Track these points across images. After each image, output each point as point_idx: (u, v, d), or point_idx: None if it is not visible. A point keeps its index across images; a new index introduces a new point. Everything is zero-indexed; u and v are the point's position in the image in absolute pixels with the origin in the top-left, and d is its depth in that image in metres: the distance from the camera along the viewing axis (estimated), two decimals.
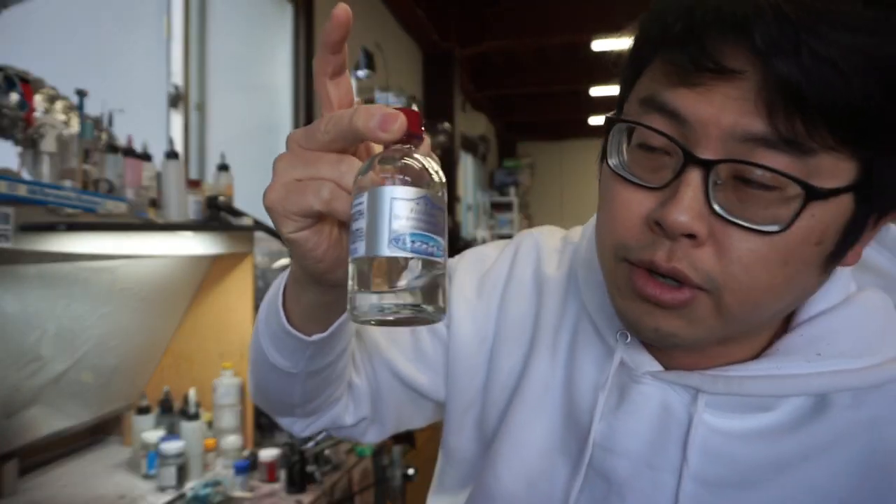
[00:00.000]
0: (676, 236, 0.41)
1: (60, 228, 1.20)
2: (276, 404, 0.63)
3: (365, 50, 3.73)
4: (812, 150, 0.38)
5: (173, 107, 2.55)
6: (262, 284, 2.24)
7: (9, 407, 1.49)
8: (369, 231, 0.36)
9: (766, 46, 0.37)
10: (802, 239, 0.41)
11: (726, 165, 0.40)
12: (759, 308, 0.44)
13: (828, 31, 0.36)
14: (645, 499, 0.50)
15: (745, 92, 0.38)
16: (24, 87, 1.29)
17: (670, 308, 0.44)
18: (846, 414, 0.47)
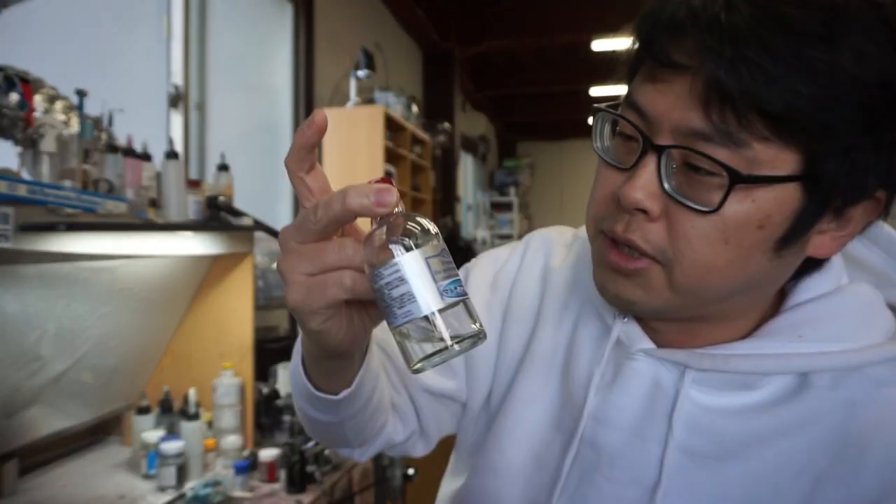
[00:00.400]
0: (631, 210, 0.47)
1: (60, 228, 1.20)
2: (331, 443, 0.67)
3: (365, 50, 3.73)
4: (745, 142, 0.43)
5: (173, 107, 2.55)
6: (262, 284, 2.25)
7: (9, 407, 1.49)
8: (419, 291, 0.39)
9: (697, 50, 0.42)
10: (742, 222, 0.45)
11: (678, 151, 0.45)
12: (708, 284, 0.48)
13: (756, 36, 0.40)
14: (632, 467, 0.54)
15: (689, 89, 0.43)
16: (24, 87, 1.29)
17: (627, 275, 0.49)
18: (824, 395, 0.50)
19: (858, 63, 0.41)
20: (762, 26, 0.41)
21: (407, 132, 4.20)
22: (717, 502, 0.51)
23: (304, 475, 1.59)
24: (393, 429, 0.67)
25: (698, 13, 0.43)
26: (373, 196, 0.40)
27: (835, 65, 0.40)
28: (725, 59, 0.41)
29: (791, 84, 0.40)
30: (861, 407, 0.49)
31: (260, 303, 2.17)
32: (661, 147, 0.46)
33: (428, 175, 4.82)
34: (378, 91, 4.13)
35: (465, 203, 7.75)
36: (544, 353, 0.65)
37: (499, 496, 0.62)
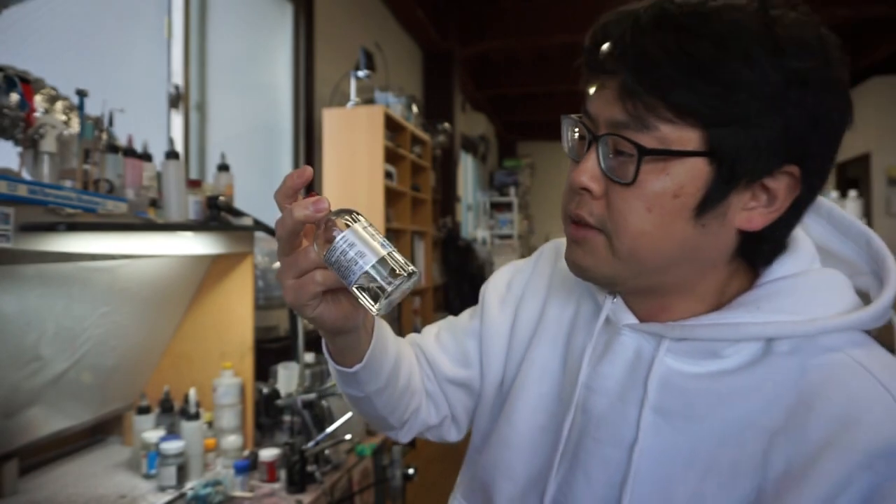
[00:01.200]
0: (578, 191, 0.58)
1: (61, 228, 1.20)
2: (375, 421, 0.79)
3: (365, 50, 3.73)
4: (654, 126, 0.53)
5: (174, 107, 2.55)
6: (262, 284, 2.25)
7: (9, 407, 1.49)
8: (348, 268, 0.53)
9: (618, 51, 0.54)
10: (659, 192, 0.55)
11: (611, 139, 0.56)
12: (641, 248, 0.57)
13: (652, 35, 0.52)
14: (614, 427, 0.62)
15: (613, 92, 0.55)
16: (25, 87, 1.29)
17: (579, 243, 0.60)
18: (782, 360, 0.57)
19: (744, 62, 0.50)
20: (662, 34, 0.52)
21: (407, 132, 4.21)
22: (688, 458, 0.58)
23: (305, 475, 1.59)
24: (427, 413, 0.81)
25: (613, 30, 0.55)
26: (311, 206, 0.55)
27: (722, 64, 0.50)
28: (631, 62, 0.53)
29: (685, 79, 0.51)
30: (811, 370, 0.56)
31: (260, 303, 2.17)
32: (597, 137, 0.57)
33: (428, 175, 4.82)
34: (378, 91, 4.13)
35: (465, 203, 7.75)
36: (549, 336, 0.74)
37: (509, 466, 0.71)
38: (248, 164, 3.05)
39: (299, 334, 1.82)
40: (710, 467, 0.56)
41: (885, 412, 0.51)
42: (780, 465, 0.53)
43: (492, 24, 6.07)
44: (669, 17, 0.52)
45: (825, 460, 0.51)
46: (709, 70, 0.50)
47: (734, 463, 0.56)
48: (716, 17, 0.51)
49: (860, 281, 0.62)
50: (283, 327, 2.34)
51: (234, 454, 1.74)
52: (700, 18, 0.51)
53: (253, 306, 1.84)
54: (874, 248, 0.63)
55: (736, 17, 0.51)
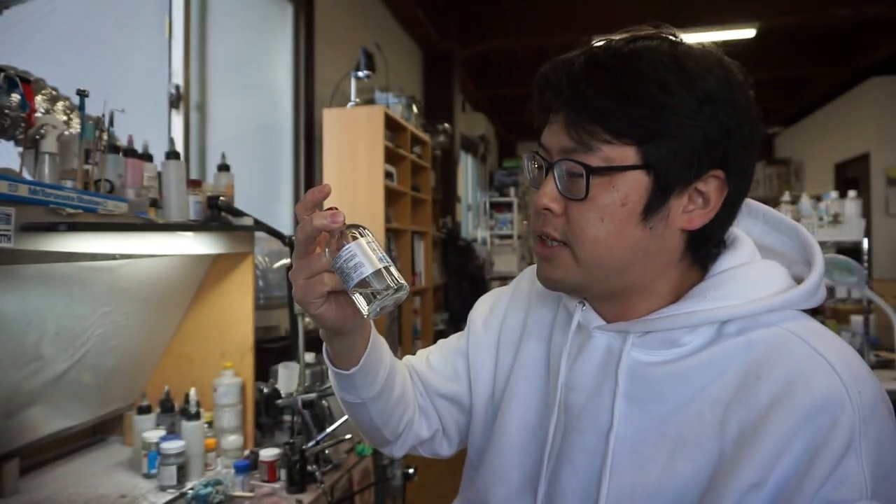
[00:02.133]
0: (542, 212, 0.67)
1: (61, 228, 1.20)
2: (370, 434, 0.84)
3: (365, 50, 3.73)
4: (596, 147, 0.63)
5: (174, 107, 2.55)
6: (263, 284, 2.25)
7: (9, 407, 1.49)
8: (350, 272, 0.62)
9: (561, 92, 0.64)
10: (609, 203, 0.63)
11: (564, 163, 0.65)
12: (600, 254, 0.65)
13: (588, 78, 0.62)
14: (593, 417, 0.69)
15: (562, 125, 0.65)
16: (25, 87, 1.29)
17: (548, 259, 0.69)
18: (732, 340, 0.65)
19: (660, 88, 0.60)
20: (592, 74, 0.62)
21: (407, 132, 4.21)
22: (657, 436, 0.65)
23: (305, 475, 1.60)
24: (419, 426, 0.86)
25: (552, 75, 0.65)
26: (328, 218, 0.63)
27: (644, 92, 0.61)
28: (569, 99, 0.63)
29: (616, 107, 0.61)
30: (755, 344, 0.64)
31: (260, 303, 2.17)
32: (552, 164, 0.66)
33: (428, 175, 4.81)
34: (378, 91, 4.13)
35: (465, 203, 7.75)
36: (532, 349, 0.81)
37: (503, 471, 0.77)
38: (248, 164, 3.05)
39: (299, 334, 1.82)
40: (677, 442, 0.64)
41: (820, 373, 0.60)
42: (735, 429, 0.61)
43: (492, 24, 6.07)
44: (597, 59, 0.63)
45: (772, 419, 0.59)
46: (634, 98, 0.61)
47: (697, 435, 0.63)
48: (635, 56, 0.62)
49: (795, 270, 0.71)
50: (284, 327, 2.34)
51: (235, 454, 1.74)
52: (622, 58, 0.62)
53: (253, 306, 1.84)
54: (802, 239, 0.73)
55: (651, 54, 0.62)
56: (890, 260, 6.60)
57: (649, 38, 0.64)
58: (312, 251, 0.66)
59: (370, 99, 4.05)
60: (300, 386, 1.80)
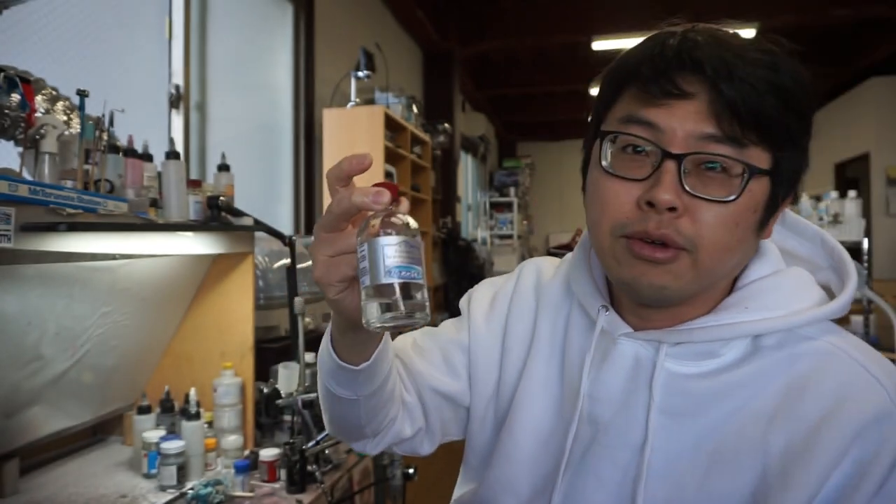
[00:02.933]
0: (663, 210, 0.58)
1: (61, 228, 1.20)
2: (348, 430, 0.77)
3: (365, 50, 3.73)
4: (746, 144, 0.57)
5: (174, 107, 2.55)
6: (263, 284, 2.25)
7: (9, 407, 1.49)
8: (371, 268, 0.52)
9: (714, 75, 0.56)
10: (745, 207, 0.58)
11: (691, 157, 0.57)
12: (723, 262, 0.60)
13: (746, 66, 0.56)
14: (623, 432, 0.65)
15: (698, 107, 0.57)
16: (25, 87, 1.29)
17: (661, 264, 0.59)
18: (772, 353, 0.63)
19: (793, 81, 0.57)
20: (744, 59, 0.56)
21: (407, 132, 4.21)
22: (695, 451, 0.62)
23: (305, 475, 1.60)
24: (401, 424, 0.79)
25: (699, 53, 0.57)
26: (371, 196, 0.54)
27: (781, 84, 0.56)
28: (734, 82, 0.55)
29: (770, 99, 0.56)
30: (799, 358, 0.62)
31: (260, 303, 2.17)
32: (680, 155, 0.57)
33: (428, 175, 4.82)
34: (378, 91, 4.13)
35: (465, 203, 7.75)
36: (544, 352, 0.76)
37: (511, 481, 0.73)
38: (248, 164, 3.05)
39: (299, 334, 1.82)
40: (715, 457, 0.61)
41: (868, 388, 0.58)
42: (781, 444, 0.59)
43: (492, 24, 6.07)
44: (738, 44, 0.58)
45: (823, 435, 0.57)
46: (791, 99, 0.57)
47: (736, 449, 0.60)
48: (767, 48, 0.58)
49: (820, 275, 0.70)
50: (284, 327, 2.34)
51: (235, 454, 1.74)
52: (759, 49, 0.57)
53: (253, 306, 1.84)
54: (829, 246, 0.71)
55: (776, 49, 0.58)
56: (890, 260, 6.60)
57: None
58: (343, 228, 0.57)
59: (370, 99, 4.05)
60: (300, 386, 1.80)
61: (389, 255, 0.52)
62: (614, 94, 0.64)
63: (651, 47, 0.60)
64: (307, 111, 3.62)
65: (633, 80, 0.61)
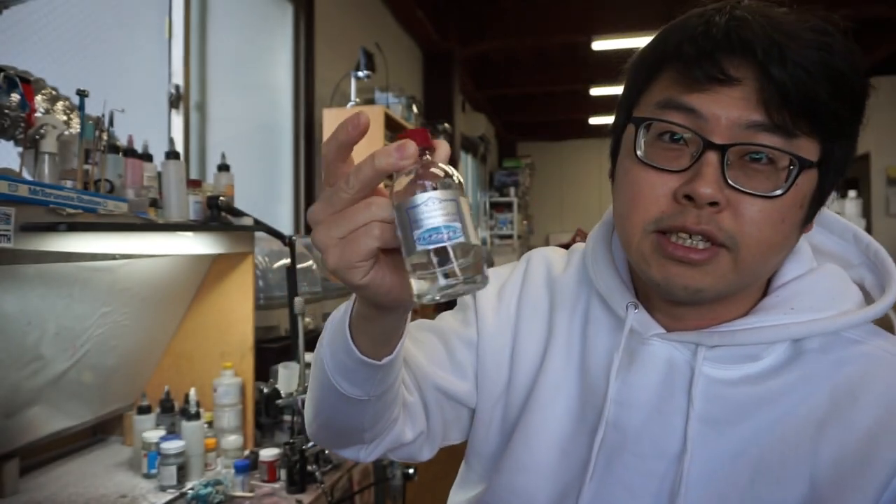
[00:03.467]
0: (703, 205, 0.53)
1: (61, 228, 1.20)
2: (345, 436, 0.67)
3: (365, 50, 3.73)
4: (796, 135, 0.52)
5: (174, 107, 2.55)
6: (263, 284, 2.25)
7: (9, 407, 1.49)
8: (415, 233, 0.43)
9: (765, 59, 0.51)
10: (793, 202, 0.54)
11: (735, 148, 0.53)
12: (766, 261, 0.56)
13: (799, 49, 0.51)
14: (657, 441, 0.61)
15: (745, 93, 0.52)
16: (25, 87, 1.29)
17: (697, 265, 0.55)
18: (816, 357, 0.59)
19: (848, 65, 0.52)
20: (797, 42, 0.51)
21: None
22: (736, 460, 0.58)
23: (305, 475, 1.60)
24: (402, 427, 0.70)
25: (748, 34, 0.52)
26: (395, 153, 0.45)
27: (836, 68, 0.51)
28: (785, 67, 0.50)
29: (829, 92, 0.51)
30: (847, 363, 0.59)
31: (260, 303, 2.17)
32: (723, 146, 0.53)
33: None
34: (378, 91, 4.13)
35: None
36: (561, 353, 0.70)
37: (529, 493, 0.67)
38: (248, 164, 3.05)
39: (299, 334, 1.82)
40: (759, 466, 0.58)
41: None
42: (832, 453, 0.56)
43: (492, 24, 6.07)
44: (790, 25, 0.52)
45: (880, 443, 0.54)
46: (844, 85, 0.52)
47: (782, 458, 0.57)
48: (821, 29, 0.52)
49: (852, 273, 0.66)
50: (283, 327, 2.34)
51: (235, 454, 1.74)
52: (829, 36, 0.52)
53: (253, 306, 1.84)
54: (863, 243, 0.67)
55: (831, 30, 0.53)
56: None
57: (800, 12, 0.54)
58: (358, 200, 0.46)
59: (370, 99, 4.05)
60: (300, 386, 1.80)
61: (435, 213, 0.44)
62: (650, 74, 0.58)
63: (695, 25, 0.54)
64: (307, 111, 3.62)
65: (673, 60, 0.56)
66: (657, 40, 0.58)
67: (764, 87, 0.51)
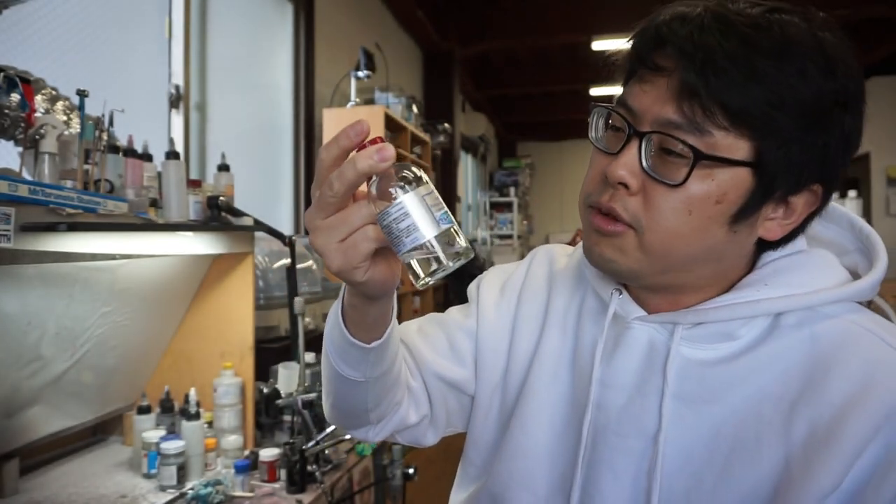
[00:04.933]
0: (615, 184, 0.57)
1: (61, 228, 1.20)
2: (352, 416, 0.73)
3: (365, 50, 3.73)
4: (708, 131, 0.54)
5: (174, 107, 2.55)
6: (263, 284, 2.25)
7: (9, 407, 1.49)
8: (406, 230, 0.49)
9: (675, 57, 0.54)
10: (703, 196, 0.55)
11: (657, 137, 0.56)
12: (673, 249, 0.58)
13: (721, 48, 0.52)
14: (636, 419, 0.63)
15: (666, 90, 0.55)
16: (25, 87, 1.29)
17: (607, 236, 0.59)
18: (791, 333, 0.60)
19: (800, 78, 0.52)
20: (727, 40, 0.52)
21: (407, 132, 4.21)
22: (712, 439, 0.59)
23: (305, 475, 1.60)
24: (406, 410, 0.75)
25: (678, 29, 0.54)
26: (376, 155, 0.49)
27: (781, 76, 0.52)
28: (697, 64, 0.53)
29: (746, 87, 0.52)
30: (820, 338, 0.59)
31: (260, 303, 2.17)
32: (642, 133, 0.56)
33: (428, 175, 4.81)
34: (378, 91, 4.13)
35: (465, 203, 7.75)
36: (555, 340, 0.73)
37: (526, 476, 0.69)
38: (248, 164, 3.05)
39: (299, 334, 1.82)
40: (735, 445, 0.58)
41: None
42: (804, 430, 0.56)
43: (492, 24, 6.07)
44: (733, 24, 0.53)
45: (849, 420, 0.54)
46: (770, 81, 0.52)
47: (757, 436, 0.57)
48: (776, 31, 0.53)
49: (847, 259, 0.66)
50: (283, 327, 2.34)
51: (235, 454, 1.74)
52: (761, 30, 0.52)
53: (253, 306, 1.84)
54: (857, 228, 0.67)
55: (792, 32, 0.53)
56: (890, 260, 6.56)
57: (783, 11, 0.55)
58: (347, 206, 0.52)
59: (370, 99, 4.05)
60: (300, 386, 1.80)
61: (431, 204, 0.50)
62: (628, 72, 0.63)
63: (647, 30, 0.58)
64: (307, 111, 3.62)
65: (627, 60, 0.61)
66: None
67: (680, 85, 0.54)
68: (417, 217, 0.50)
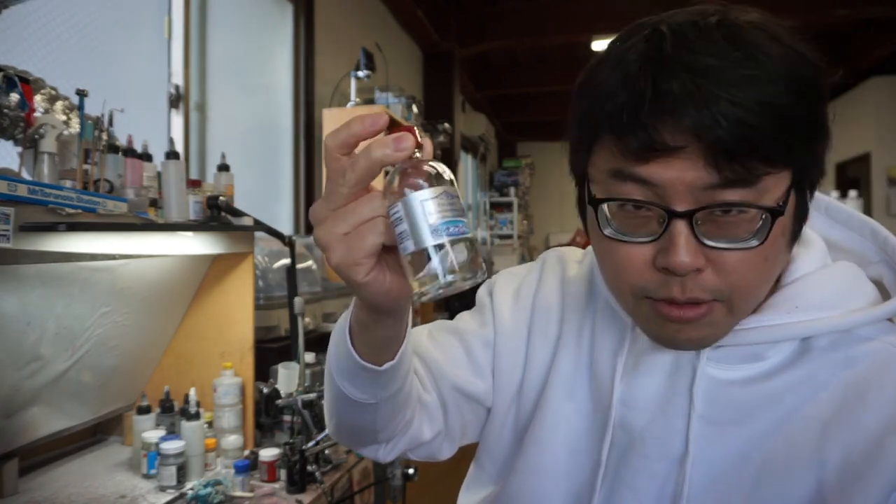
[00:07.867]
0: (685, 274, 0.51)
1: (61, 228, 1.20)
2: (360, 436, 0.69)
3: (365, 50, 3.73)
4: (756, 180, 0.49)
5: (174, 107, 2.55)
6: (263, 284, 2.25)
7: (9, 407, 1.49)
8: (413, 230, 0.44)
9: (695, 126, 0.47)
10: (773, 239, 0.52)
11: (700, 212, 0.50)
12: (760, 295, 0.56)
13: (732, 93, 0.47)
14: (661, 442, 0.60)
15: (694, 156, 0.48)
16: (25, 87, 1.29)
17: (695, 321, 0.54)
18: (824, 355, 0.58)
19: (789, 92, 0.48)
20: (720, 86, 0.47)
21: None
22: (740, 462, 0.57)
23: (305, 475, 1.59)
24: (419, 426, 0.71)
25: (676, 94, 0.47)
26: (392, 144, 0.45)
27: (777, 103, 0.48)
28: (720, 126, 0.47)
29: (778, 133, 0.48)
30: (856, 361, 0.57)
31: (260, 303, 2.17)
32: (688, 213, 0.50)
33: None
34: (378, 91, 4.13)
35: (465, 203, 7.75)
36: (571, 354, 0.71)
37: (542, 495, 0.67)
38: (248, 164, 3.05)
39: (299, 334, 1.82)
40: (764, 468, 0.56)
41: None
42: (838, 455, 0.54)
43: (492, 24, 6.06)
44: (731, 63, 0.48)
45: (888, 446, 0.52)
46: (792, 114, 0.49)
47: (788, 460, 0.56)
48: (773, 62, 0.48)
49: (871, 270, 0.64)
50: (283, 327, 2.34)
51: (235, 454, 1.74)
52: (760, 64, 0.48)
53: (253, 306, 1.84)
54: (881, 238, 0.64)
55: (790, 58, 0.50)
56: None
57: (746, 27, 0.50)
58: (359, 196, 0.47)
59: (370, 99, 4.05)
60: (300, 386, 1.80)
61: (431, 210, 0.44)
62: (591, 137, 0.55)
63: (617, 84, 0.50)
64: (307, 111, 3.62)
65: (608, 130, 0.52)
66: (592, 96, 0.53)
67: (707, 148, 0.48)
68: (417, 221, 0.44)
